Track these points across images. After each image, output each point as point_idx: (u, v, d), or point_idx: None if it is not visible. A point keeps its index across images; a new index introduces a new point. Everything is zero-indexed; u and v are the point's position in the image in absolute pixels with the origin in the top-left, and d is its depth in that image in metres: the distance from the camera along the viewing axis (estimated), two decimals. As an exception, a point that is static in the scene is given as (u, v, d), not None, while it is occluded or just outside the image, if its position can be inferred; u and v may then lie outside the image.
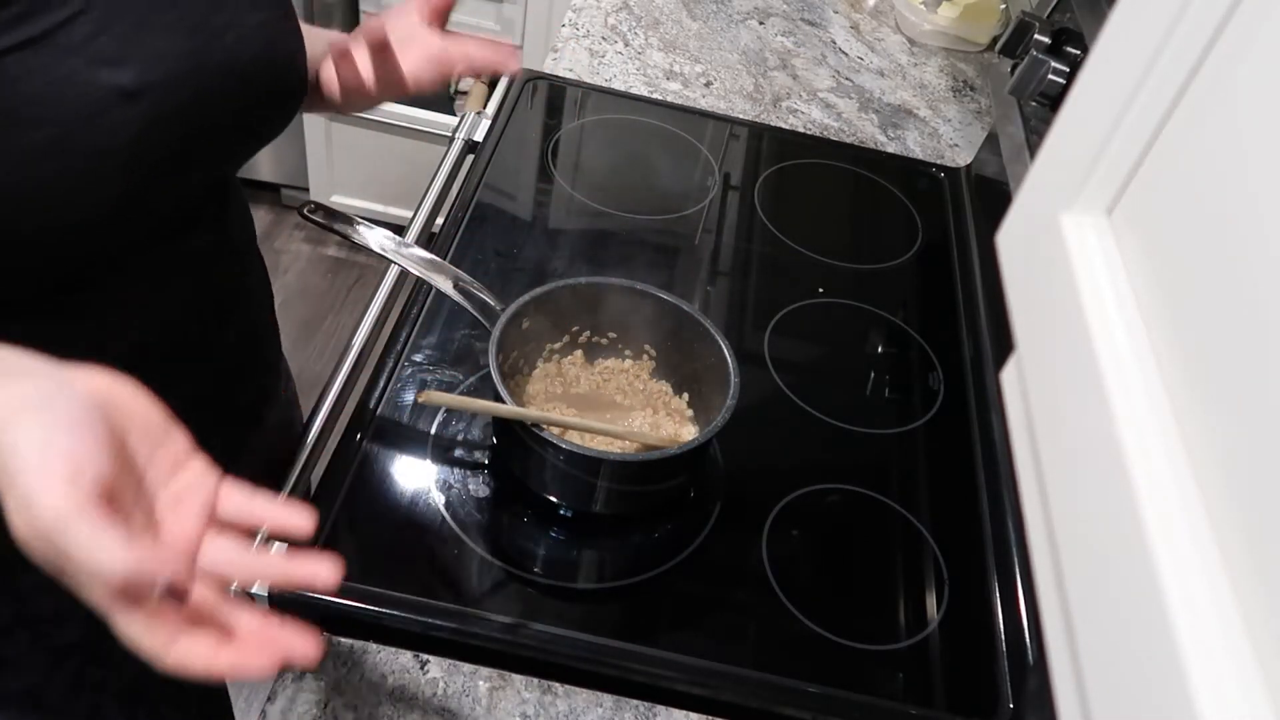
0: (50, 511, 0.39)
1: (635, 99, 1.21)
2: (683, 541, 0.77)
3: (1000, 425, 0.88)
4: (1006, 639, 0.75)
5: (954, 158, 1.27)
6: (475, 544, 0.74)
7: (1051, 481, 0.33)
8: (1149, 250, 0.32)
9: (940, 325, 1.02)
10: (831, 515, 0.82)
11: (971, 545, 0.82)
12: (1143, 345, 0.30)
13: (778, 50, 1.39)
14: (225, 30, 0.60)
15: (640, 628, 0.72)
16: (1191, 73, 0.30)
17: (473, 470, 0.79)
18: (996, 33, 1.45)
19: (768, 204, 1.11)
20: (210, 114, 0.60)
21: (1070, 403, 0.32)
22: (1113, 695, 0.27)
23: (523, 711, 0.68)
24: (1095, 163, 0.33)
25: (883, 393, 0.96)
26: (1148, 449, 0.27)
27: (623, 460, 0.72)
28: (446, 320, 0.89)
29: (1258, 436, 0.24)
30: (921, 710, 0.70)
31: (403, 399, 0.82)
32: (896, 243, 1.11)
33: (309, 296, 2.22)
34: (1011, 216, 0.39)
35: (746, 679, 0.70)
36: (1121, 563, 0.27)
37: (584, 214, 1.05)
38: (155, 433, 0.46)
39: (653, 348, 0.83)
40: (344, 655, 0.69)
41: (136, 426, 0.45)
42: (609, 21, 1.36)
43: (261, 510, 0.48)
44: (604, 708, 0.69)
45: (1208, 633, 0.24)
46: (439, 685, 0.69)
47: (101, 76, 0.52)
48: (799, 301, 1.00)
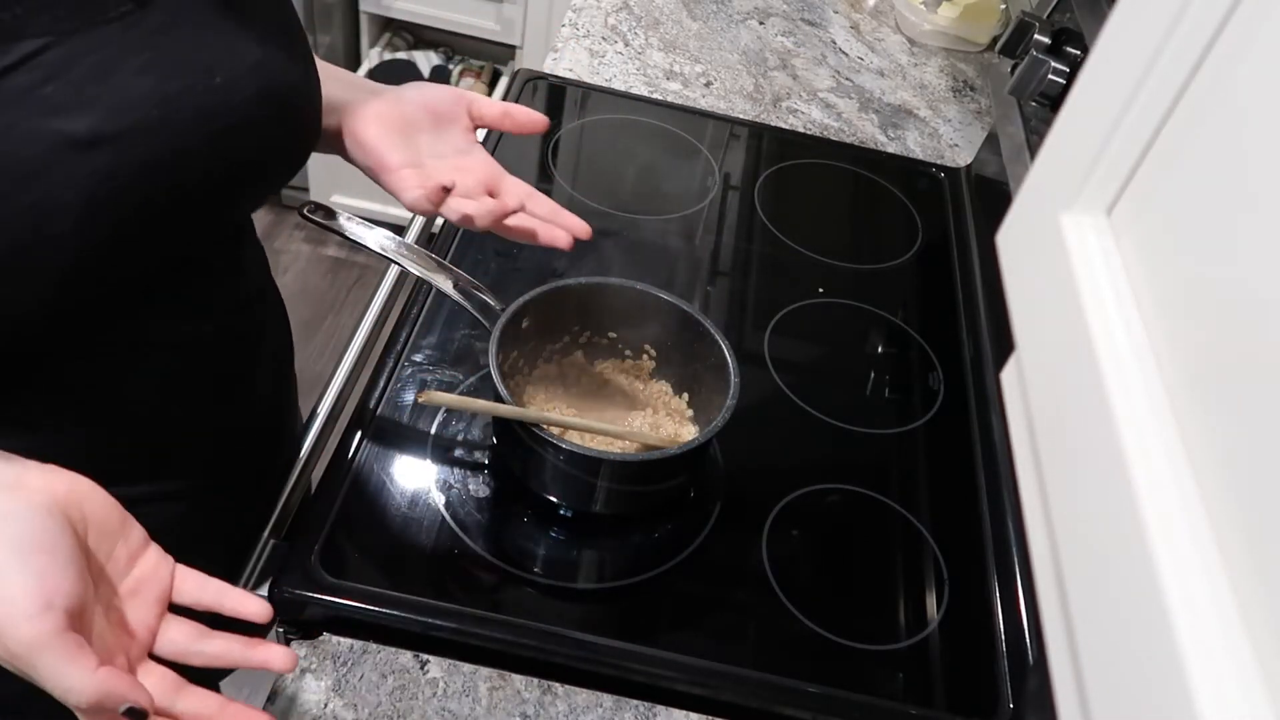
0: (21, 645, 0.41)
1: (635, 99, 1.21)
2: (683, 541, 0.77)
3: (1000, 425, 0.88)
4: (1006, 639, 0.75)
5: (954, 158, 1.27)
6: (475, 544, 0.74)
7: (1051, 481, 0.33)
8: (1149, 250, 0.32)
9: (940, 325, 1.02)
10: (831, 515, 0.82)
11: (971, 545, 0.81)
12: (1143, 345, 0.30)
13: (778, 50, 1.39)
14: (212, 71, 0.52)
15: (640, 628, 0.72)
16: (1191, 73, 0.30)
17: (473, 470, 0.79)
18: (996, 33, 1.45)
19: (768, 204, 1.11)
20: (192, 166, 0.53)
21: (1070, 403, 0.32)
22: (1113, 695, 0.27)
23: (523, 711, 0.68)
24: (1095, 163, 0.33)
25: (883, 393, 0.96)
26: (1148, 449, 0.27)
27: (623, 460, 0.72)
28: (446, 320, 0.89)
29: (1258, 436, 0.24)
30: (921, 710, 0.70)
31: (403, 399, 0.82)
32: (896, 243, 1.11)
33: (309, 296, 2.22)
34: (1011, 216, 0.39)
35: (746, 679, 0.70)
36: (1121, 563, 0.27)
37: (584, 214, 1.04)
38: (113, 527, 0.48)
39: (653, 348, 0.83)
40: (344, 655, 0.69)
41: (95, 525, 0.47)
42: (609, 21, 1.36)
43: (214, 596, 0.51)
44: (604, 708, 0.69)
45: (1208, 633, 0.24)
46: (439, 685, 0.69)
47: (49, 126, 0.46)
48: (799, 301, 1.00)
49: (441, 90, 0.71)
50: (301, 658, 0.68)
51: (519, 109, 0.71)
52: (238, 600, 0.52)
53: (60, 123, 0.46)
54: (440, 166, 0.70)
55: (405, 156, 0.68)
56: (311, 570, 0.69)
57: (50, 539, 0.43)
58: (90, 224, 0.48)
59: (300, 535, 0.72)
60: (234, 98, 0.53)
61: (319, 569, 0.69)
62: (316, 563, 0.70)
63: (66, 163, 0.46)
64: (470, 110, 0.71)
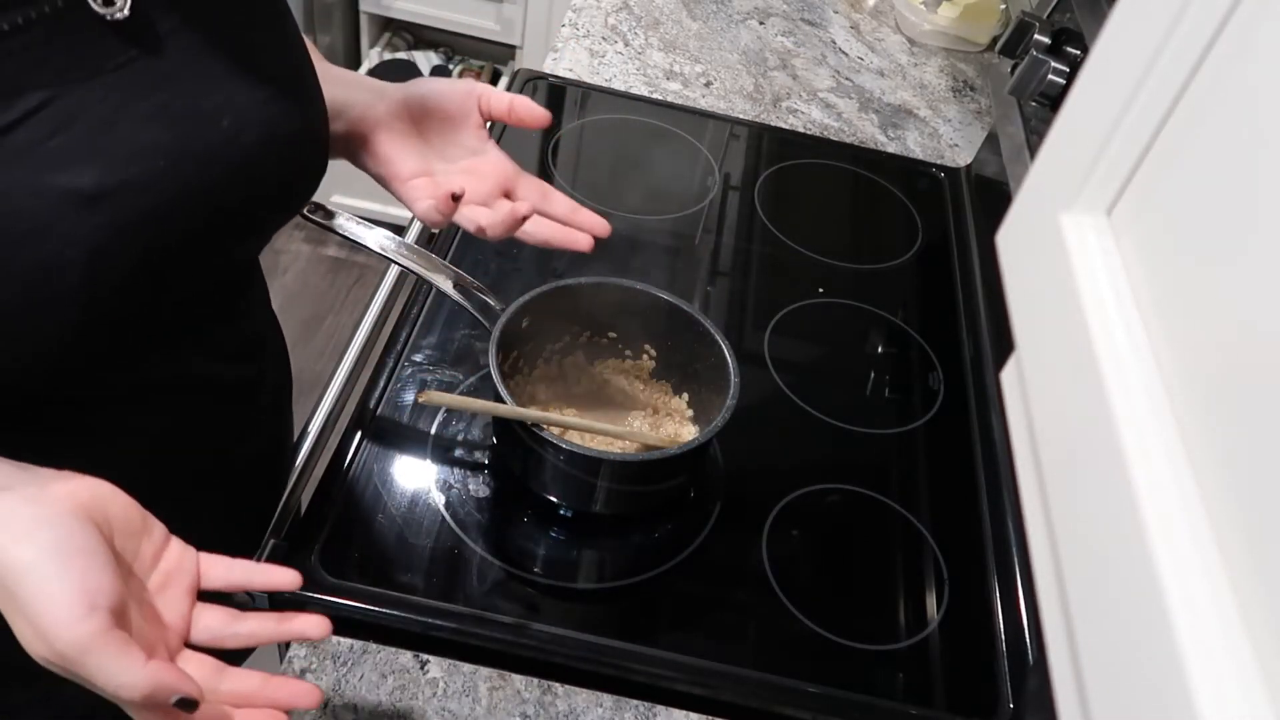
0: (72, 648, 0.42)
1: (635, 99, 1.21)
2: (683, 541, 0.77)
3: (1000, 425, 0.88)
4: (1006, 639, 0.75)
5: (954, 158, 1.27)
6: (475, 544, 0.74)
7: (1051, 481, 0.33)
8: (1149, 250, 0.32)
9: (940, 325, 1.02)
10: (831, 515, 0.82)
11: (971, 545, 0.82)
12: (1143, 345, 0.30)
13: (778, 50, 1.39)
14: (219, 114, 0.51)
15: (640, 628, 0.72)
16: (1191, 73, 0.30)
17: (473, 470, 0.79)
18: (996, 33, 1.45)
19: (768, 204, 1.11)
20: (198, 211, 0.52)
21: (1070, 403, 0.32)
22: (1113, 695, 0.27)
23: (523, 711, 0.68)
24: (1095, 163, 0.33)
25: (883, 393, 0.96)
26: (1148, 449, 0.27)
27: (623, 460, 0.72)
28: (446, 320, 0.89)
29: (1258, 436, 0.24)
30: (921, 710, 0.70)
31: (403, 399, 0.82)
32: (896, 243, 1.11)
33: (309, 296, 2.22)
34: (1011, 216, 0.39)
35: (746, 679, 0.70)
36: (1121, 563, 0.27)
37: (584, 214, 1.05)
38: (136, 527, 0.48)
39: (653, 348, 0.83)
40: (344, 655, 0.69)
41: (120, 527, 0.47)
42: (609, 21, 1.36)
43: (242, 575, 0.52)
44: (604, 708, 0.69)
45: (1208, 633, 0.24)
46: (439, 685, 0.69)
47: (53, 182, 0.45)
48: (799, 301, 1.00)
49: (452, 88, 0.68)
50: (301, 658, 0.68)
51: (523, 102, 0.67)
52: (266, 575, 0.52)
53: (64, 178, 0.45)
54: (451, 170, 0.68)
55: (417, 164, 0.67)
56: (311, 570, 0.69)
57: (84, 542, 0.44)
58: (95, 279, 0.47)
59: (300, 535, 0.72)
60: (241, 142, 0.53)
61: (319, 569, 0.69)
62: (316, 563, 0.70)
63: (70, 219, 0.45)
64: (480, 105, 0.68)
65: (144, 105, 0.48)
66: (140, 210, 0.48)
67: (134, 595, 0.47)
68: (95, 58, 0.47)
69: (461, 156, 0.69)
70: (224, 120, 0.52)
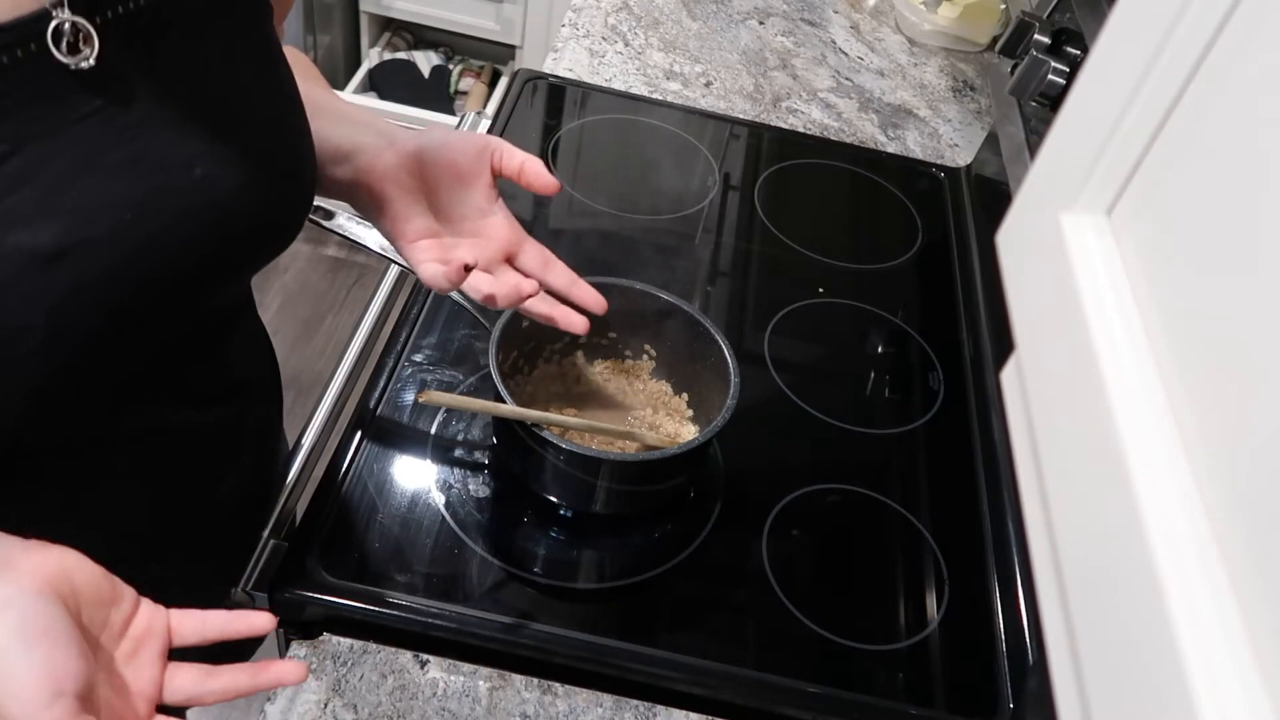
0: None
1: (635, 99, 1.21)
2: (683, 541, 0.77)
3: (1000, 425, 0.88)
4: (1006, 639, 0.75)
5: (954, 158, 1.27)
6: (475, 544, 0.74)
7: (1051, 481, 0.33)
8: (1149, 250, 0.32)
9: (940, 325, 1.02)
10: (831, 515, 0.82)
11: (971, 545, 0.82)
12: (1142, 345, 0.30)
13: (778, 50, 1.39)
14: (191, 164, 0.49)
15: (640, 628, 0.72)
16: (1191, 73, 0.30)
17: (473, 470, 0.79)
18: (996, 33, 1.45)
19: (768, 204, 1.11)
20: (168, 263, 0.49)
21: (1070, 403, 0.32)
22: (1113, 695, 0.27)
23: (523, 711, 0.68)
24: (1095, 163, 0.33)
25: (883, 393, 0.96)
26: (1148, 449, 0.27)
27: (623, 460, 0.72)
28: (446, 320, 0.89)
29: (1258, 436, 0.24)
30: (921, 710, 0.70)
31: (403, 399, 0.82)
32: (896, 243, 1.11)
33: (309, 296, 2.22)
34: (1011, 216, 0.39)
35: (746, 679, 0.70)
36: (1122, 563, 0.27)
37: (584, 214, 1.05)
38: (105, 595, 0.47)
39: (653, 348, 0.83)
40: (344, 655, 0.69)
41: (88, 597, 0.46)
42: (609, 21, 1.36)
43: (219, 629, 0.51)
44: (604, 708, 0.69)
45: (1208, 633, 0.24)
46: (439, 685, 0.69)
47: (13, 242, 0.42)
48: (799, 301, 1.00)
49: (466, 142, 0.64)
50: (301, 658, 0.68)
51: (533, 167, 0.64)
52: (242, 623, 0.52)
53: (23, 237, 0.43)
54: (460, 232, 0.65)
55: (423, 225, 0.64)
56: (311, 570, 0.69)
57: (50, 623, 0.43)
58: (58, 341, 0.45)
59: (300, 535, 0.72)
60: (214, 191, 0.50)
61: (319, 569, 0.69)
62: (316, 563, 0.70)
63: (32, 279, 0.43)
64: (493, 161, 0.64)
65: (111, 157, 0.46)
66: (102, 266, 0.46)
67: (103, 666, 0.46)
68: (59, 110, 0.44)
69: (469, 216, 0.65)
70: (196, 169, 0.49)
